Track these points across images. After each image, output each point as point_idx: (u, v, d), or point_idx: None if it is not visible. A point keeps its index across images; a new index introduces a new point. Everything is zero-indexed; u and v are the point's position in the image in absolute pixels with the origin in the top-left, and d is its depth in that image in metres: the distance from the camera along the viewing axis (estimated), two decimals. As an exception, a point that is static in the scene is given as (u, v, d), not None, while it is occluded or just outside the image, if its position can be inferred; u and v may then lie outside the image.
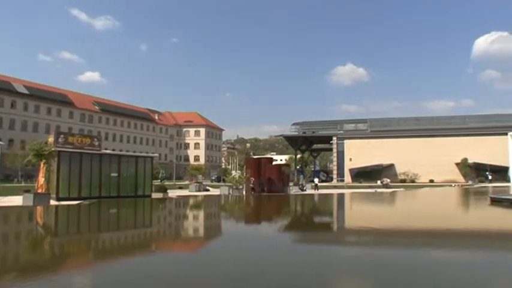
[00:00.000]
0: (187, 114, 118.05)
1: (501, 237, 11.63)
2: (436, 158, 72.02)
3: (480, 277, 6.56)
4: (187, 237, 12.20)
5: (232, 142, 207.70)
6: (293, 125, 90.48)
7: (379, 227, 14.12)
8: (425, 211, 21.68)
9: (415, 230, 13.23)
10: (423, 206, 26.43)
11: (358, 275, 6.80)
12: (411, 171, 72.33)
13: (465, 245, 10.08)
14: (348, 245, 10.46)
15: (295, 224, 15.87)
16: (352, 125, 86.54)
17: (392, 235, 12.05)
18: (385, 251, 9.30)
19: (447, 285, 5.97)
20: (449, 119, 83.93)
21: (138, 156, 33.91)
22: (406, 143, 75.40)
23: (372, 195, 34.76)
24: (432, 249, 9.30)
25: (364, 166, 74.42)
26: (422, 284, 6.00)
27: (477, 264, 7.75)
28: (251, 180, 35.58)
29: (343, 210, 24.35)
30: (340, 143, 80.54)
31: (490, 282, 6.30)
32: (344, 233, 13.42)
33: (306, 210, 24.32)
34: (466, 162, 72.10)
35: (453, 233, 12.54)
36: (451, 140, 74.08)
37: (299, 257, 8.39)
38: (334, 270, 7.24)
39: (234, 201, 29.00)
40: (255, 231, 13.60)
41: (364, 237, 11.68)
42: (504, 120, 77.47)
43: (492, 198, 23.46)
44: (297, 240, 11.72)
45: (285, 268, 7.14)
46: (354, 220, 18.07)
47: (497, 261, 8.04)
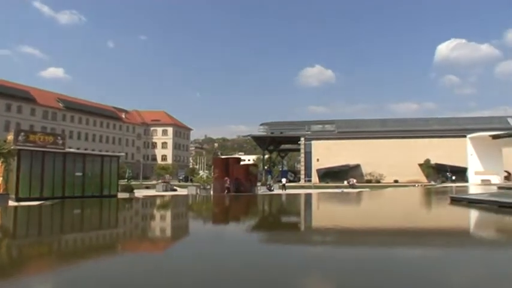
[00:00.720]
0: (155, 113, 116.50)
1: (457, 235, 12.06)
2: (401, 158, 73.85)
3: (435, 273, 6.78)
4: (152, 238, 12.04)
5: (200, 142, 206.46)
6: (261, 125, 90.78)
7: (345, 226, 14.35)
8: (389, 210, 22.23)
9: (379, 229, 13.52)
10: (387, 205, 27.04)
11: (322, 274, 6.90)
12: (377, 171, 73.86)
13: (424, 243, 10.39)
14: (314, 245, 10.58)
15: (262, 224, 15.92)
16: (320, 126, 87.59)
17: (358, 234, 12.28)
18: (350, 250, 9.47)
19: (407, 282, 6.15)
20: (412, 121, 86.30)
21: (104, 155, 33.25)
22: (372, 144, 76.99)
23: (338, 195, 35.28)
24: (394, 248, 9.56)
25: (331, 166, 75.45)
26: (384, 281, 6.15)
27: (432, 261, 8.01)
28: (226, 181, 35.55)
29: (310, 210, 24.61)
30: (308, 143, 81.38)
31: (444, 278, 6.53)
32: (310, 232, 13.57)
33: (274, 210, 24.45)
34: (429, 163, 74.34)
35: (413, 231, 12.91)
36: (415, 141, 76.18)
37: (265, 257, 8.43)
38: (300, 270, 7.30)
39: (202, 201, 28.86)
40: (222, 231, 13.56)
41: (329, 237, 11.85)
42: (463, 123, 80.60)
43: (452, 197, 24.25)
44: (264, 240, 11.76)
45: (250, 268, 7.16)
46: (320, 220, 18.29)
47: (451, 257, 8.35)
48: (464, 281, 6.50)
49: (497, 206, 18.18)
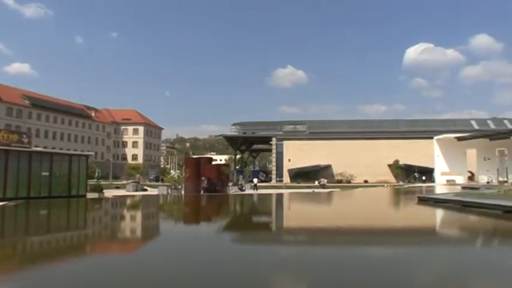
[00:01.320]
0: (126, 111, 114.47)
1: (424, 234, 12.38)
2: (370, 159, 75.09)
3: (403, 270, 6.95)
4: (119, 239, 11.85)
5: (171, 141, 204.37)
6: (233, 125, 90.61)
7: (316, 226, 14.50)
8: (359, 210, 22.61)
9: (349, 228, 13.71)
10: (357, 205, 27.48)
11: (292, 273, 6.95)
12: (347, 172, 74.84)
13: (392, 242, 10.62)
14: (285, 244, 10.64)
15: (233, 224, 15.92)
16: (292, 126, 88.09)
17: (328, 234, 12.42)
18: (320, 250, 9.57)
19: (377, 279, 6.26)
20: (382, 123, 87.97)
21: (72, 154, 32.55)
22: (343, 144, 77.97)
23: (309, 195, 35.62)
24: (363, 246, 9.72)
25: (302, 167, 76.01)
26: (354, 280, 6.25)
27: (399, 258, 8.20)
28: (204, 180, 35.38)
29: (281, 210, 24.76)
30: (280, 143, 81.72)
31: (410, 275, 6.69)
32: (282, 232, 13.63)
33: (245, 210, 24.48)
34: (398, 164, 75.93)
35: (383, 230, 13.18)
36: (384, 142, 77.61)
37: (237, 257, 8.42)
38: (271, 269, 7.32)
39: (173, 201, 28.61)
40: (193, 231, 13.47)
41: (300, 237, 11.95)
42: (430, 125, 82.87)
43: (419, 197, 24.87)
44: (235, 240, 11.75)
45: (221, 268, 7.14)
46: (292, 220, 18.42)
47: (418, 255, 8.56)
48: (430, 277, 6.68)
49: (461, 205, 18.79)
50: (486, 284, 6.29)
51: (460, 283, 6.36)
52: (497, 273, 6.98)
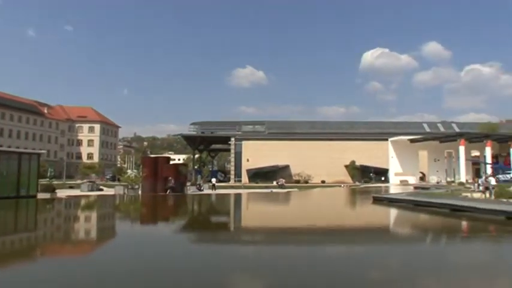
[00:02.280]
0: (81, 108, 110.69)
1: (378, 231, 12.74)
2: (328, 160, 76.49)
3: (359, 267, 7.11)
4: (70, 241, 11.47)
5: (129, 140, 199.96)
6: (192, 124, 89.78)
7: (274, 226, 14.60)
8: (317, 210, 22.98)
9: (307, 227, 13.88)
10: (315, 205, 27.90)
11: (250, 273, 6.94)
12: (305, 172, 75.83)
13: (349, 241, 10.85)
14: (242, 244, 10.63)
15: (190, 225, 15.76)
16: (250, 126, 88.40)
17: (285, 233, 12.53)
18: (278, 249, 9.63)
19: (333, 277, 6.36)
20: (339, 124, 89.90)
21: (22, 152, 31.17)
22: (301, 145, 79.02)
23: (268, 195, 35.83)
24: (319, 245, 9.88)
25: (260, 167, 76.37)
26: (311, 278, 6.31)
27: (356, 256, 8.39)
28: (170, 180, 34.81)
29: (239, 210, 24.75)
30: (238, 143, 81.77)
31: (364, 272, 6.85)
32: (239, 232, 13.62)
33: (203, 210, 24.30)
34: (354, 165, 77.78)
35: (340, 229, 13.44)
36: (341, 143, 79.32)
37: (194, 258, 8.33)
38: (228, 269, 7.29)
39: (129, 202, 28.01)
40: (148, 232, 13.22)
41: (258, 236, 11.99)
42: (385, 127, 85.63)
43: (374, 197, 25.57)
44: (193, 240, 11.63)
45: (178, 269, 7.04)
46: (249, 219, 18.46)
47: (372, 253, 8.79)
48: (385, 273, 6.86)
49: (413, 205, 19.53)
50: (434, 278, 6.52)
51: (410, 278, 6.57)
52: (445, 267, 7.32)
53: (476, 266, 7.65)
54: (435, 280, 6.42)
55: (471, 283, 6.33)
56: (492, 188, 22.82)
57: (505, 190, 20.46)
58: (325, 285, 6.02)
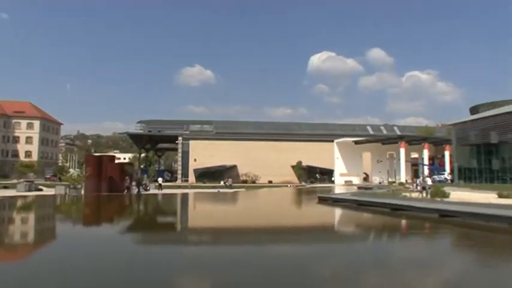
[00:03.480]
0: (19, 103, 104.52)
1: (323, 230, 13.05)
2: (275, 160, 77.44)
3: (304, 266, 7.24)
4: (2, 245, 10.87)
5: (71, 138, 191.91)
6: (138, 123, 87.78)
7: (221, 225, 14.56)
8: (264, 210, 23.17)
9: (254, 227, 13.97)
10: (262, 205, 28.11)
11: (197, 273, 6.88)
12: (252, 172, 76.33)
13: (294, 240, 11.03)
14: (189, 245, 10.52)
15: (136, 225, 15.39)
16: (198, 125, 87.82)
17: (233, 233, 12.54)
18: (225, 249, 9.61)
19: (279, 276, 6.43)
20: (287, 125, 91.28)
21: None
22: (249, 145, 79.46)
23: (215, 195, 35.69)
24: (266, 245, 9.96)
25: (208, 167, 76.04)
26: (257, 278, 6.35)
27: (302, 254, 8.54)
28: (127, 180, 33.77)
29: (186, 210, 24.48)
30: (186, 143, 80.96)
31: (312, 270, 6.99)
32: (186, 232, 13.46)
33: (149, 210, 23.80)
34: (301, 165, 79.24)
35: (286, 228, 13.63)
36: (288, 144, 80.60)
37: (138, 259, 8.14)
38: (175, 270, 7.19)
39: (71, 202, 26.91)
40: (90, 234, 12.77)
41: (205, 236, 11.91)
42: (330, 129, 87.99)
43: (320, 197, 26.14)
44: (138, 241, 11.37)
45: (119, 273, 6.85)
46: (196, 219, 18.30)
47: (317, 251, 8.99)
48: (327, 271, 7.03)
49: (357, 204, 20.17)
50: (375, 273, 6.77)
51: (352, 274, 6.77)
52: (383, 262, 7.64)
53: (411, 261, 8.03)
54: (374, 274, 6.67)
55: (408, 276, 6.62)
56: (428, 187, 24.03)
57: (439, 190, 21.62)
58: (270, 284, 6.08)
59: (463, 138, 52.03)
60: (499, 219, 11.88)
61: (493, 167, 47.31)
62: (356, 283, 6.30)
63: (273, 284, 6.09)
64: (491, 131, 46.47)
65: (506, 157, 46.09)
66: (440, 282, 6.39)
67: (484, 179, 47.63)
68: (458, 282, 6.51)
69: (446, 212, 14.16)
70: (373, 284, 6.34)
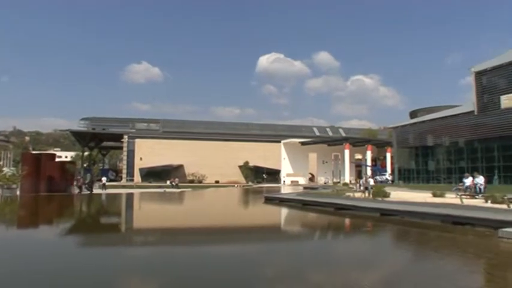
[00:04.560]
0: None
1: (268, 230, 13.24)
2: (222, 160, 77.40)
3: (251, 265, 7.32)
4: None
5: (6, 134, 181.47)
6: (82, 120, 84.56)
7: (167, 226, 14.37)
8: (210, 210, 23.08)
9: (200, 227, 13.90)
10: (208, 205, 27.99)
11: (141, 275, 6.77)
12: (199, 172, 75.83)
13: (240, 239, 11.11)
14: (134, 246, 10.31)
15: (77, 227, 14.83)
16: (145, 124, 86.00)
17: (179, 233, 12.42)
18: (171, 249, 9.51)
19: (226, 277, 6.45)
20: (235, 125, 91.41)
21: None
22: (196, 145, 78.88)
23: (161, 195, 35.13)
24: (212, 245, 9.97)
25: (154, 166, 74.70)
26: (205, 278, 6.34)
27: (247, 254, 8.63)
28: (79, 180, 32.28)
29: (131, 210, 23.91)
30: (131, 141, 79.09)
31: (259, 269, 7.08)
32: (130, 233, 13.17)
33: (91, 211, 22.99)
34: (248, 165, 79.68)
35: (232, 228, 13.69)
36: (236, 144, 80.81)
37: (80, 262, 7.88)
38: (119, 272, 7.03)
39: (4, 203, 25.46)
40: (29, 237, 12.19)
41: (152, 237, 11.72)
42: (278, 129, 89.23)
43: (266, 197, 26.41)
44: (79, 244, 10.98)
45: (62, 275, 6.61)
46: (141, 220, 17.93)
47: (262, 250, 9.12)
48: (273, 270, 7.15)
49: (302, 204, 20.57)
50: (320, 270, 6.97)
51: (299, 272, 6.93)
52: (329, 260, 7.87)
53: (353, 257, 8.34)
54: (319, 271, 6.87)
55: (350, 271, 6.87)
56: (370, 188, 24.94)
57: (380, 190, 22.46)
58: (215, 283, 6.10)
59: (403, 141, 54.50)
60: (433, 217, 12.60)
61: (429, 168, 49.96)
62: (300, 280, 6.44)
63: (217, 283, 6.11)
64: (428, 134, 49.06)
65: (441, 159, 48.80)
66: (380, 275, 6.69)
67: (421, 179, 50.18)
68: (397, 274, 6.84)
69: (386, 211, 14.83)
70: (317, 280, 6.52)
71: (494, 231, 9.40)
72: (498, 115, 40.45)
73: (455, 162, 46.05)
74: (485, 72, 42.55)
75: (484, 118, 42.14)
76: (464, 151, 44.79)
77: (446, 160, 48.05)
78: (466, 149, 44.58)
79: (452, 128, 45.88)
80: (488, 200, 17.18)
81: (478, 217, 11.35)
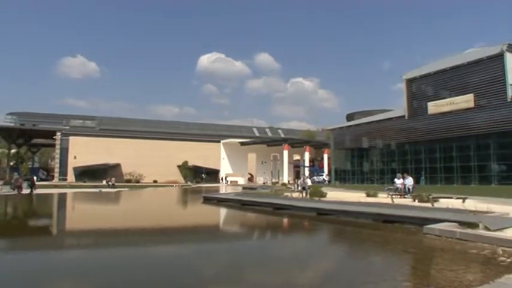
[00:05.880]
0: None
1: (205, 230, 13.22)
2: (161, 159, 75.96)
3: (189, 266, 7.27)
4: None
5: None
6: (9, 114, 79.41)
7: (101, 227, 13.93)
8: (147, 210, 22.62)
9: (136, 228, 13.61)
10: (146, 205, 27.39)
11: (75, 279, 6.52)
12: (137, 171, 73.98)
13: (178, 240, 10.99)
14: (67, 249, 9.91)
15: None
16: (80, 121, 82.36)
17: (114, 235, 12.08)
18: (105, 252, 9.25)
19: (160, 278, 6.37)
20: (174, 124, 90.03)
21: None
22: (134, 143, 76.81)
23: (96, 195, 33.95)
24: (148, 246, 9.79)
25: (89, 165, 71.81)
26: (138, 280, 6.21)
27: (186, 255, 8.57)
28: (18, 179, 30.11)
29: (63, 211, 22.85)
30: (65, 139, 75.49)
31: (197, 270, 7.05)
32: (63, 236, 12.62)
33: (19, 213, 21.69)
34: (187, 165, 78.86)
35: (169, 229, 13.51)
36: (175, 143, 79.63)
37: (4, 269, 7.45)
38: (47, 280, 6.72)
39: None
40: None
41: (85, 239, 11.30)
42: (218, 129, 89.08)
43: (204, 197, 26.29)
44: (3, 249, 10.37)
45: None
46: (75, 222, 17.22)
47: (203, 250, 9.10)
48: (211, 270, 7.15)
49: (241, 204, 20.69)
50: (258, 268, 7.07)
51: (236, 271, 6.98)
52: (266, 258, 8.00)
53: (290, 255, 8.54)
54: (257, 270, 6.96)
55: (288, 270, 7.02)
56: (308, 188, 25.60)
57: (317, 190, 23.14)
58: (148, 285, 6.01)
59: (339, 143, 56.47)
60: (366, 216, 13.18)
61: (364, 169, 52.18)
62: (238, 279, 6.50)
63: (152, 285, 6.03)
64: (363, 136, 51.19)
65: (374, 160, 51.12)
66: (316, 272, 6.92)
67: (356, 180, 52.29)
68: (332, 271, 7.10)
69: (323, 210, 15.29)
70: (255, 279, 6.60)
71: (420, 228, 9.98)
72: (426, 120, 43.10)
73: (387, 164, 48.46)
74: (415, 80, 45.18)
75: (414, 123, 44.72)
76: (395, 153, 47.24)
77: (379, 162, 50.42)
78: (397, 151, 47.05)
79: (386, 131, 48.25)
80: (415, 199, 18.31)
81: (406, 215, 12.03)
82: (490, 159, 37.90)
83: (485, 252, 7.48)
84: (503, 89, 36.18)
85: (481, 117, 37.73)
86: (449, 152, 41.38)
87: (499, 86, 36.57)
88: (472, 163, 39.31)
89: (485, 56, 37.95)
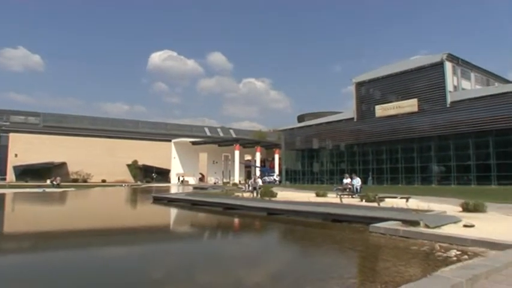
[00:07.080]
0: None
1: (156, 231, 13.03)
2: (109, 158, 73.89)
3: (139, 268, 7.14)
4: None
5: None
6: None
7: (44, 229, 13.42)
8: (95, 211, 21.98)
9: (83, 230, 13.20)
10: (93, 205, 26.61)
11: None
12: (84, 170, 71.57)
13: (126, 241, 10.77)
14: (5, 253, 9.46)
15: None
16: (22, 117, 78.51)
17: (58, 237, 11.69)
18: (47, 255, 8.92)
19: (108, 281, 6.22)
20: (123, 122, 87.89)
21: None
22: (81, 141, 74.20)
23: (40, 196, 32.54)
24: (93, 249, 9.53)
25: (32, 163, 68.59)
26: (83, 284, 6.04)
27: (135, 256, 8.42)
28: None
29: (0, 213, 21.71)
30: (4, 135, 71.60)
31: (146, 272, 6.94)
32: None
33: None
34: (136, 164, 77.19)
35: (118, 230, 13.20)
36: (124, 142, 77.73)
37: None
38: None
39: None
40: None
41: (25, 242, 10.83)
42: (169, 128, 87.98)
43: (154, 197, 25.88)
44: None
45: None
46: (14, 224, 16.40)
47: (152, 252, 8.96)
48: (162, 271, 7.06)
49: (191, 204, 20.56)
50: (210, 269, 7.06)
51: (186, 272, 6.94)
52: (216, 258, 7.99)
53: (241, 255, 8.59)
54: (208, 270, 6.95)
55: (238, 269, 7.06)
56: (259, 188, 25.80)
57: (268, 190, 23.37)
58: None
59: (290, 143, 57.21)
60: (315, 215, 13.46)
61: (314, 170, 53.18)
62: (187, 280, 6.47)
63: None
64: (313, 138, 52.19)
65: (324, 161, 52.27)
66: (266, 270, 7.00)
67: (306, 180, 53.19)
68: (282, 269, 7.22)
69: (273, 210, 15.45)
70: (205, 279, 6.59)
71: (366, 227, 10.34)
72: (374, 123, 44.58)
73: (337, 164, 49.69)
74: (364, 83, 46.61)
75: (362, 125, 46.12)
76: (345, 154, 48.52)
77: (329, 162, 51.58)
78: (346, 153, 48.34)
79: (335, 133, 49.45)
80: (363, 199, 18.92)
81: (354, 214, 12.40)
82: (431, 160, 39.79)
83: (424, 248, 7.89)
84: (443, 95, 38.12)
85: (423, 121, 39.50)
86: (395, 154, 43.02)
87: (439, 92, 38.45)
88: (416, 164, 41.06)
89: (427, 64, 39.81)
